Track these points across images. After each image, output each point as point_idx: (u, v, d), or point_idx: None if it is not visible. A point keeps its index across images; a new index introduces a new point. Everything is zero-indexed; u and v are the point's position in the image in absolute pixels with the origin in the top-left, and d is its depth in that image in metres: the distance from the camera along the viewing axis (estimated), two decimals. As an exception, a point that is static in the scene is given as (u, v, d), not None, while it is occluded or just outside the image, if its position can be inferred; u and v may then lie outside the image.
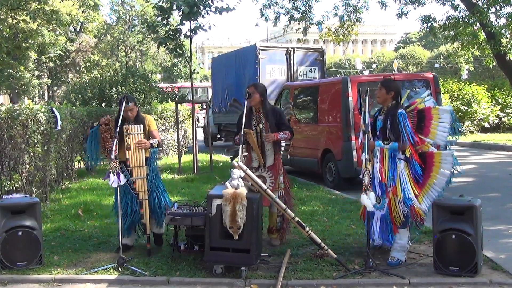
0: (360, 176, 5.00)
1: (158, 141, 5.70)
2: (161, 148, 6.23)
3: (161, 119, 13.74)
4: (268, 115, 5.68)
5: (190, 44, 11.87)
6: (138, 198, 5.55)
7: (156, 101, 15.20)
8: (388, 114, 5.17)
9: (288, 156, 6.39)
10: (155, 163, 5.85)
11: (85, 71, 34.40)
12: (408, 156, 5.08)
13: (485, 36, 15.05)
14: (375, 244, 5.35)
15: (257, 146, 5.64)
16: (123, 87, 14.99)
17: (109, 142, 5.53)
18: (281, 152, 5.95)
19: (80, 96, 15.53)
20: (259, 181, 5.11)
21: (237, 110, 6.11)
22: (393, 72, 20.39)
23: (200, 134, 19.17)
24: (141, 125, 5.58)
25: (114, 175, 5.11)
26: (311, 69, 14.80)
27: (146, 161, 5.60)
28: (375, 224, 5.24)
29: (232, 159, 6.17)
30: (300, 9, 16.52)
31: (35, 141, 7.40)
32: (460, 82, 20.89)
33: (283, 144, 5.97)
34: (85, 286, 4.82)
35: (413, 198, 5.06)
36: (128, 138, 5.45)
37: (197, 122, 13.00)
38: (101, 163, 6.52)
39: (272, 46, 15.38)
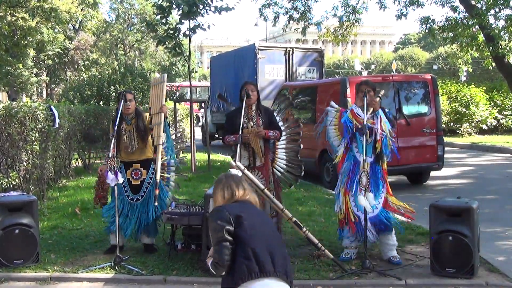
0: (358, 177, 4.99)
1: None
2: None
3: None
4: (262, 113, 5.68)
5: (189, 43, 11.87)
6: (153, 143, 5.54)
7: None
8: (376, 116, 5.27)
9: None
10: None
11: (83, 69, 34.32)
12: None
13: (484, 38, 15.08)
14: (371, 241, 5.32)
15: (258, 144, 5.63)
16: (121, 86, 14.97)
17: (100, 192, 5.55)
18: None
19: (78, 94, 15.51)
20: (257, 181, 5.10)
21: (226, 105, 6.17)
22: (392, 73, 20.38)
23: (198, 133, 19.16)
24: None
25: (112, 173, 5.10)
26: (310, 69, 14.80)
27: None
28: (370, 225, 5.22)
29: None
30: (299, 9, 16.54)
31: (33, 139, 7.38)
32: (459, 84, 20.92)
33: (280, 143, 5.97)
34: (82, 285, 4.82)
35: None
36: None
37: (195, 121, 12.99)
38: (99, 161, 6.55)
39: (271, 46, 15.38)
